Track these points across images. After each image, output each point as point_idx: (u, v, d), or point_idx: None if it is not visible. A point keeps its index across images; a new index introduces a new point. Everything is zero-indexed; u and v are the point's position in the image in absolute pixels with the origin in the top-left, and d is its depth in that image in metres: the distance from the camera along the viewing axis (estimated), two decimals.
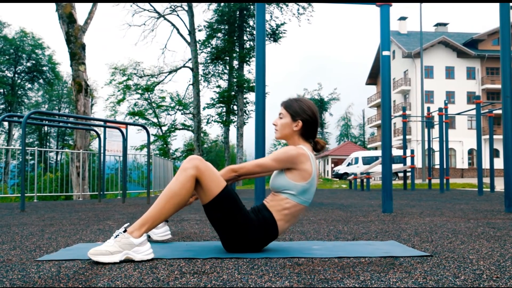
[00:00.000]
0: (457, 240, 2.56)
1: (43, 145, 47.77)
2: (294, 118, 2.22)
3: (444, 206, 5.66)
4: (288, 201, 2.14)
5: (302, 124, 2.21)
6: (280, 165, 2.14)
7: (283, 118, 2.25)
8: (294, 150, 2.13)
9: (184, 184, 2.03)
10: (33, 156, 13.43)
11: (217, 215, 2.08)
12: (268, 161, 2.14)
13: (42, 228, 3.41)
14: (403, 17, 45.06)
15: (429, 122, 14.58)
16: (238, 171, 2.16)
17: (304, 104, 2.24)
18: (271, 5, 27.07)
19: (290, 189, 2.14)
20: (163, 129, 33.68)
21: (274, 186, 2.18)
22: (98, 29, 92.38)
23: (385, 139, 4.69)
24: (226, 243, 2.12)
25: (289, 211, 2.15)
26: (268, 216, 2.13)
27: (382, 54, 4.66)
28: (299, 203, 2.15)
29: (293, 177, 2.13)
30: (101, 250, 1.89)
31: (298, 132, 2.23)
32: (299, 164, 2.12)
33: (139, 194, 14.16)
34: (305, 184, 2.14)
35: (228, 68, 29.06)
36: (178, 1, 25.43)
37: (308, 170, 2.14)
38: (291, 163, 2.12)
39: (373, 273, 1.66)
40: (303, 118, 2.21)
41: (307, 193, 2.16)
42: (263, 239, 2.13)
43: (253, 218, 2.11)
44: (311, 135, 2.26)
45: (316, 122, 2.25)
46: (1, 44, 42.10)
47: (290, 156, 2.12)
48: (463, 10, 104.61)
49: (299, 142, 2.23)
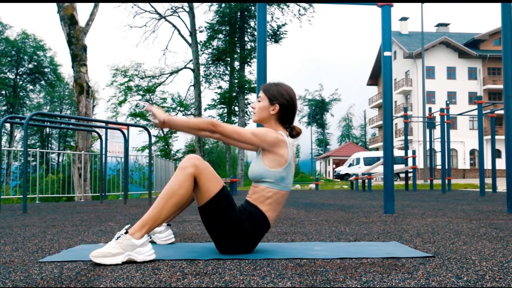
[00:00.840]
0: (460, 241, 2.56)
1: (45, 146, 47.85)
2: (271, 102, 2.22)
3: (446, 207, 5.65)
4: (268, 190, 2.14)
5: (279, 108, 2.21)
6: (256, 140, 2.12)
7: (262, 101, 2.24)
8: (274, 133, 2.14)
9: (183, 183, 2.02)
10: (35, 158, 13.46)
11: (213, 216, 2.07)
12: (247, 132, 2.13)
13: (44, 229, 3.41)
14: (404, 17, 45.03)
15: (431, 122, 14.57)
16: (216, 127, 2.11)
17: (283, 89, 2.24)
18: (272, 6, 27.07)
19: (268, 177, 2.14)
20: (164, 130, 33.68)
21: (252, 174, 2.18)
22: (100, 30, 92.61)
23: (386, 140, 4.68)
24: (220, 245, 2.12)
25: (272, 199, 2.15)
26: (254, 211, 2.13)
27: (384, 55, 4.65)
28: (280, 189, 2.16)
29: (270, 163, 2.13)
30: (103, 252, 1.89)
31: (275, 116, 2.22)
32: (276, 148, 2.13)
33: (141, 195, 14.17)
34: (282, 170, 2.14)
35: (229, 69, 29.08)
36: (181, 1, 25.45)
37: (285, 156, 2.14)
38: (268, 144, 2.12)
39: (375, 274, 1.66)
40: (281, 102, 2.21)
41: (285, 179, 2.16)
42: (257, 234, 2.13)
43: (242, 217, 2.10)
44: (288, 120, 2.25)
45: (293, 107, 2.25)
46: (3, 46, 42.19)
47: (269, 137, 2.11)
48: (464, 10, 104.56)
49: (275, 127, 2.23)
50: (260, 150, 2.20)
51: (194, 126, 2.11)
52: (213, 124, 2.11)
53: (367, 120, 59.20)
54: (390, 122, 4.69)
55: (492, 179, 10.74)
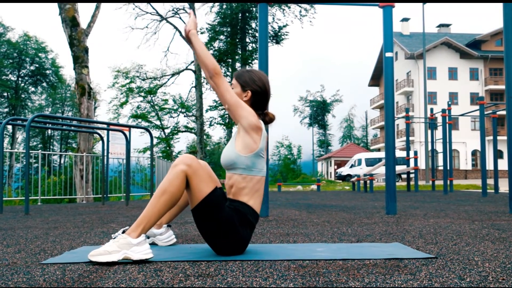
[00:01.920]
0: (462, 242, 2.55)
1: (46, 148, 47.93)
2: (243, 89, 2.23)
3: (448, 208, 5.64)
4: (244, 178, 2.14)
5: (251, 95, 2.22)
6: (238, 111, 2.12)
7: (234, 88, 2.25)
8: (256, 118, 2.15)
9: (173, 181, 2.02)
10: (37, 159, 13.48)
11: (205, 218, 2.06)
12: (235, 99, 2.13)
13: (47, 231, 3.41)
14: (406, 18, 45.03)
15: (432, 123, 14.55)
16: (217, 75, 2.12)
17: (255, 75, 2.25)
18: (273, 7, 27.09)
19: (239, 164, 2.14)
20: (166, 131, 33.73)
21: (224, 161, 2.18)
22: (101, 32, 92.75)
23: (388, 141, 4.68)
24: (216, 247, 2.11)
25: (248, 188, 2.14)
26: (238, 205, 2.13)
27: (385, 56, 4.65)
28: (254, 175, 2.15)
29: (241, 148, 2.14)
30: (100, 251, 1.92)
31: (247, 102, 2.23)
32: (252, 132, 2.13)
33: (143, 196, 14.17)
34: (252, 156, 2.14)
35: (231, 70, 29.10)
36: (184, 1, 25.47)
37: (257, 142, 2.15)
38: (247, 124, 2.12)
39: (378, 275, 1.66)
40: (253, 88, 2.22)
41: (256, 165, 2.16)
42: (248, 227, 2.13)
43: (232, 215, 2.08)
44: (261, 106, 2.26)
45: (266, 93, 2.25)
46: (5, 48, 42.30)
47: (250, 118, 2.12)
48: (466, 11, 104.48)
49: None
50: (234, 135, 2.21)
51: (203, 56, 2.14)
52: (216, 71, 2.13)
53: (369, 121, 59.16)
54: (392, 123, 4.69)
55: (494, 180, 10.71)
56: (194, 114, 29.84)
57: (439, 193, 10.92)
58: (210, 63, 2.12)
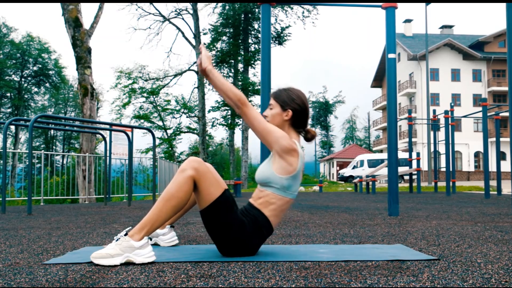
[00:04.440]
0: (465, 244, 2.54)
1: (49, 148, 48.02)
2: (283, 108, 2.20)
3: (451, 209, 5.63)
4: (274, 196, 2.13)
5: (292, 114, 2.20)
6: (270, 139, 2.09)
7: (273, 108, 2.22)
8: (288, 140, 2.11)
9: (181, 186, 2.02)
10: (39, 160, 13.50)
11: (214, 220, 2.06)
12: (267, 126, 2.09)
13: (49, 231, 3.42)
14: (408, 19, 44.97)
15: (435, 124, 14.53)
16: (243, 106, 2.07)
17: (293, 93, 2.22)
18: (276, 8, 27.10)
19: (274, 183, 2.12)
20: (168, 132, 33.76)
21: (259, 177, 2.17)
22: (104, 33, 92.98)
23: (390, 142, 4.67)
24: (222, 248, 2.11)
25: (276, 205, 2.14)
26: (258, 215, 2.12)
27: (388, 57, 4.65)
28: (285, 196, 2.14)
29: (278, 169, 2.12)
30: (102, 253, 1.91)
31: (288, 122, 2.21)
32: (287, 155, 2.11)
33: (145, 197, 14.19)
34: (289, 178, 2.13)
35: (233, 71, 29.12)
36: (186, 2, 25.51)
37: (294, 165, 2.12)
38: (281, 149, 2.09)
39: (380, 277, 1.65)
40: (293, 107, 2.19)
41: (291, 187, 2.15)
42: (259, 238, 2.13)
43: (244, 220, 2.09)
44: (302, 124, 2.24)
45: (306, 111, 2.23)
46: (8, 49, 42.44)
47: (283, 143, 2.09)
48: (469, 12, 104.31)
49: (289, 133, 2.21)
50: (271, 154, 2.19)
51: (226, 90, 2.08)
52: (241, 101, 2.08)
53: (371, 122, 59.11)
54: (394, 124, 4.68)
55: (497, 182, 10.69)
56: (196, 115, 29.87)
57: (442, 195, 10.90)
58: (233, 95, 2.07)
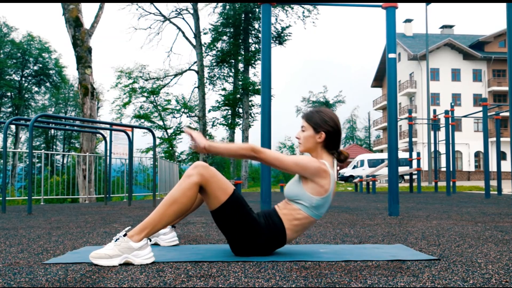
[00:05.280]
0: (465, 244, 2.54)
1: (49, 148, 48.03)
2: (316, 130, 2.17)
3: (451, 209, 5.62)
4: (300, 212, 2.12)
5: (325, 136, 2.17)
6: (298, 170, 2.09)
7: (306, 130, 2.20)
8: (317, 163, 2.08)
9: (186, 191, 2.01)
10: (39, 159, 13.50)
11: (224, 221, 2.07)
12: (289, 160, 2.09)
13: (49, 231, 3.42)
14: (409, 19, 44.96)
15: (435, 124, 14.53)
16: (258, 154, 2.08)
17: (326, 115, 2.19)
18: (276, 7, 27.10)
19: (304, 200, 2.11)
20: (169, 132, 33.77)
21: (289, 194, 2.15)
22: (104, 32, 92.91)
23: (391, 142, 4.67)
24: (234, 248, 2.12)
25: (300, 222, 2.13)
26: (278, 223, 2.11)
27: (388, 57, 4.64)
28: (311, 215, 2.13)
29: (309, 189, 2.10)
30: (101, 253, 1.91)
31: (321, 144, 2.18)
32: (318, 178, 2.09)
33: (145, 196, 14.19)
34: (320, 199, 2.11)
35: (234, 71, 29.13)
36: (187, 2, 25.50)
37: (325, 187, 2.11)
38: (310, 174, 2.08)
39: (381, 276, 1.65)
40: (326, 129, 2.16)
41: (320, 208, 2.13)
42: (270, 244, 2.12)
43: (262, 223, 2.10)
44: (335, 146, 2.21)
45: (339, 133, 2.20)
46: (9, 48, 42.45)
47: (311, 168, 2.07)
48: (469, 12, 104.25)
49: (322, 155, 2.18)
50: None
51: (235, 152, 2.09)
52: (254, 150, 2.07)
53: (371, 122, 59.11)
54: (395, 124, 4.68)
55: (497, 181, 10.68)
56: (196, 115, 29.86)
57: (442, 195, 10.90)
58: (245, 151, 2.07)
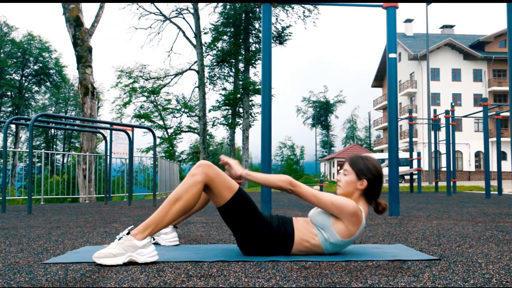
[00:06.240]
0: (466, 244, 2.54)
1: (49, 147, 48.03)
2: (359, 177, 2.15)
3: (452, 209, 5.62)
4: (315, 239, 2.10)
5: (367, 184, 2.14)
6: (333, 209, 2.07)
7: (348, 175, 2.17)
8: (354, 208, 2.06)
9: (190, 190, 2.02)
10: (40, 159, 13.50)
11: (232, 217, 2.09)
12: (326, 198, 2.07)
13: (49, 230, 3.42)
14: (409, 19, 44.95)
15: (436, 124, 14.52)
16: (295, 187, 2.09)
17: (370, 163, 2.17)
18: (276, 7, 27.09)
19: (326, 232, 2.09)
20: (169, 131, 33.78)
21: (315, 219, 2.13)
22: (105, 32, 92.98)
23: (391, 142, 4.67)
24: (241, 244, 2.13)
25: (310, 245, 2.11)
26: (289, 233, 2.10)
27: (389, 57, 4.64)
28: (323, 247, 2.11)
29: (336, 227, 2.08)
30: (105, 253, 1.90)
31: (361, 191, 2.16)
32: (349, 223, 2.07)
33: (145, 196, 14.20)
34: (341, 241, 2.09)
35: (234, 70, 29.13)
36: (187, 1, 25.50)
37: (352, 232, 2.09)
38: (344, 216, 2.06)
39: (381, 277, 1.65)
40: (369, 177, 2.14)
41: (336, 247, 2.11)
42: (274, 248, 2.11)
43: (273, 225, 2.09)
44: (375, 196, 2.19)
45: (381, 183, 2.18)
46: (9, 48, 42.46)
47: (347, 211, 2.05)
48: (469, 12, 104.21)
49: (358, 201, 2.16)
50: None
51: (272, 183, 2.12)
52: (291, 184, 2.09)
53: (372, 122, 59.10)
54: (395, 124, 4.68)
55: (498, 181, 10.68)
56: (197, 114, 29.87)
57: (442, 195, 10.89)
58: (282, 183, 2.09)
